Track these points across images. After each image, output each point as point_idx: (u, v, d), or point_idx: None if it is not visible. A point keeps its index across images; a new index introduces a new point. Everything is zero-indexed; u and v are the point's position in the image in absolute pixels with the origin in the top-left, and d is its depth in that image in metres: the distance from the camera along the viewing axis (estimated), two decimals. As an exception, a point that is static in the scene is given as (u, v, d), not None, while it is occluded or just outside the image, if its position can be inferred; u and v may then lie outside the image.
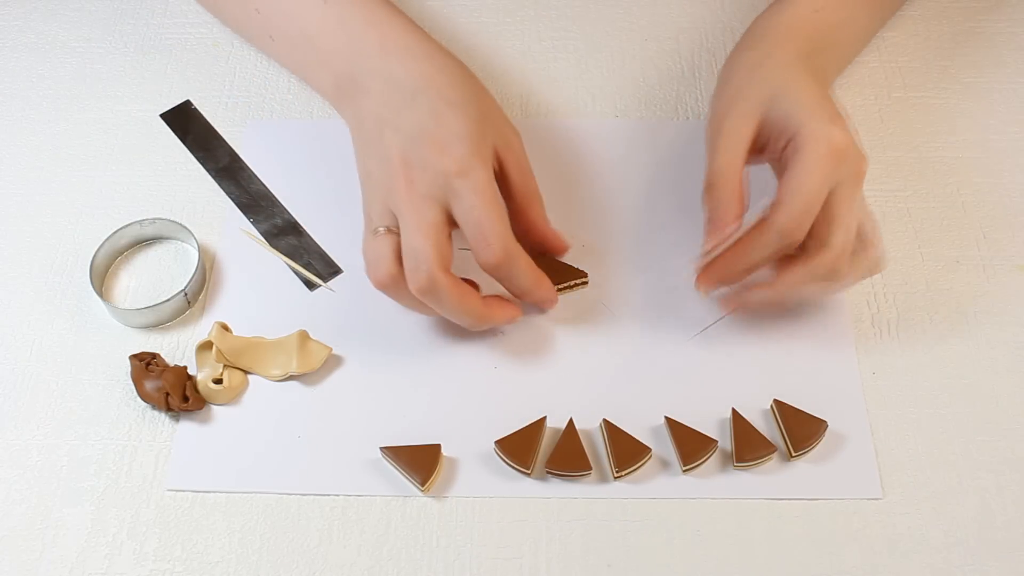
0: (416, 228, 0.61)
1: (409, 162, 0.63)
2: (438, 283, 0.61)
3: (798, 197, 0.60)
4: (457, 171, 0.61)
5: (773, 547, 0.60)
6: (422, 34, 0.69)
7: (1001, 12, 0.84)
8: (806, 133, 0.61)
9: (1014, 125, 0.78)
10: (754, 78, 0.66)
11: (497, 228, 0.61)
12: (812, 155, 0.60)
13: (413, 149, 0.63)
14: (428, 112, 0.64)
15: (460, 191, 0.61)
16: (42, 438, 0.65)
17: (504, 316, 0.66)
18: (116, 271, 0.72)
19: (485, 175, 0.62)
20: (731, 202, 0.63)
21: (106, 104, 0.81)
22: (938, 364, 0.67)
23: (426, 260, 0.61)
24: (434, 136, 0.63)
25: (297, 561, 0.61)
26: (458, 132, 0.63)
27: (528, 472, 0.63)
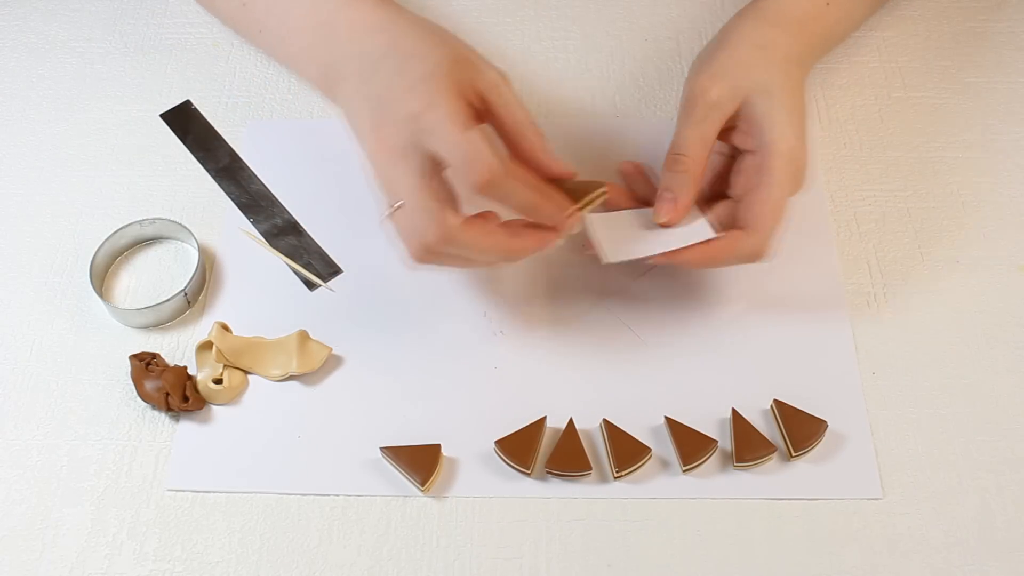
0: (406, 186, 0.59)
1: (378, 124, 0.60)
2: (451, 228, 0.59)
3: (768, 220, 0.63)
4: (421, 108, 0.58)
5: (773, 547, 0.60)
6: (389, 7, 0.67)
7: (1001, 12, 0.84)
8: (776, 152, 0.63)
9: (1014, 125, 0.78)
10: (750, 61, 0.65)
11: (476, 147, 0.58)
12: (780, 176, 0.63)
13: (381, 110, 0.61)
14: (392, 71, 0.62)
15: (430, 126, 0.58)
16: (42, 438, 0.65)
17: (533, 242, 0.62)
18: (116, 271, 0.73)
19: (453, 104, 0.59)
20: (695, 180, 0.63)
21: (106, 104, 0.81)
22: (938, 364, 0.67)
23: (429, 211, 0.59)
24: (398, 87, 0.60)
25: (297, 561, 0.61)
26: (420, 75, 0.60)
27: (528, 472, 0.63)
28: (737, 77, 0.64)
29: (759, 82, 0.64)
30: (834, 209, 0.74)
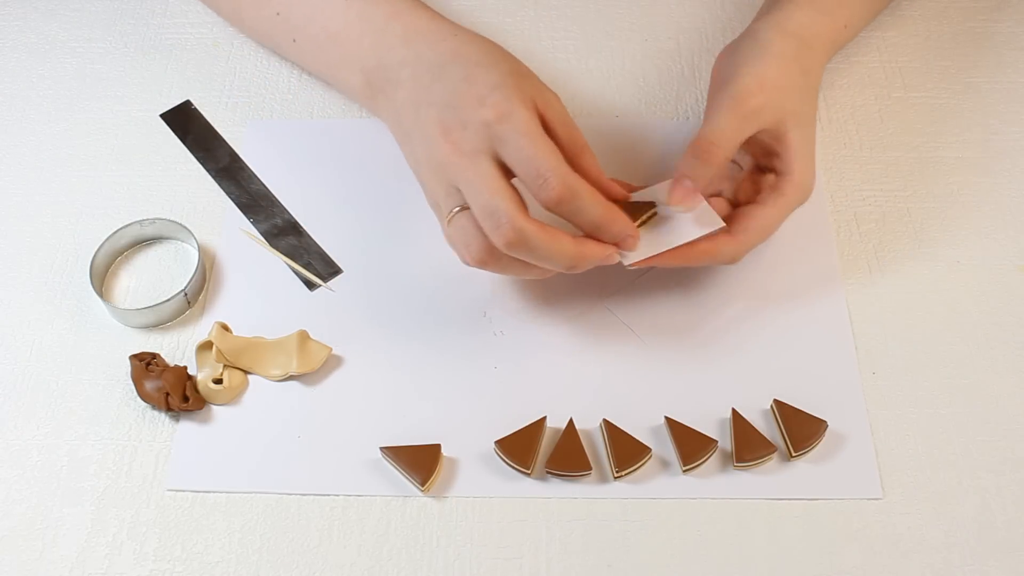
0: (480, 188, 0.60)
1: (448, 128, 0.61)
2: (524, 231, 0.59)
3: (759, 236, 0.64)
4: (497, 116, 0.59)
5: (773, 547, 0.60)
6: (445, 20, 0.68)
7: (1001, 12, 0.84)
8: (796, 184, 0.64)
9: (1014, 125, 0.78)
10: (797, 87, 0.65)
11: (551, 162, 0.59)
12: (788, 204, 0.65)
13: (450, 114, 0.61)
14: (459, 78, 0.62)
15: (504, 135, 0.59)
16: (42, 438, 0.65)
17: (599, 252, 0.62)
18: (116, 271, 0.73)
19: (527, 114, 0.60)
20: (720, 172, 0.63)
21: (106, 104, 0.81)
22: (938, 364, 0.67)
23: (503, 214, 0.59)
24: (468, 94, 0.61)
25: (297, 561, 0.61)
26: (491, 83, 0.61)
27: (528, 472, 0.63)
28: (783, 98, 0.65)
29: (798, 110, 0.65)
30: (834, 209, 0.74)
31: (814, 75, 0.68)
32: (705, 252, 0.64)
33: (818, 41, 0.69)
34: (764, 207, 0.64)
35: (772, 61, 0.66)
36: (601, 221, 0.61)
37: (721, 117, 0.63)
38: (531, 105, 0.61)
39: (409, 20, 0.68)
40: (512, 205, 0.59)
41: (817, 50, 0.69)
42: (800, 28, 0.68)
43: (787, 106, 0.64)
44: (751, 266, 0.70)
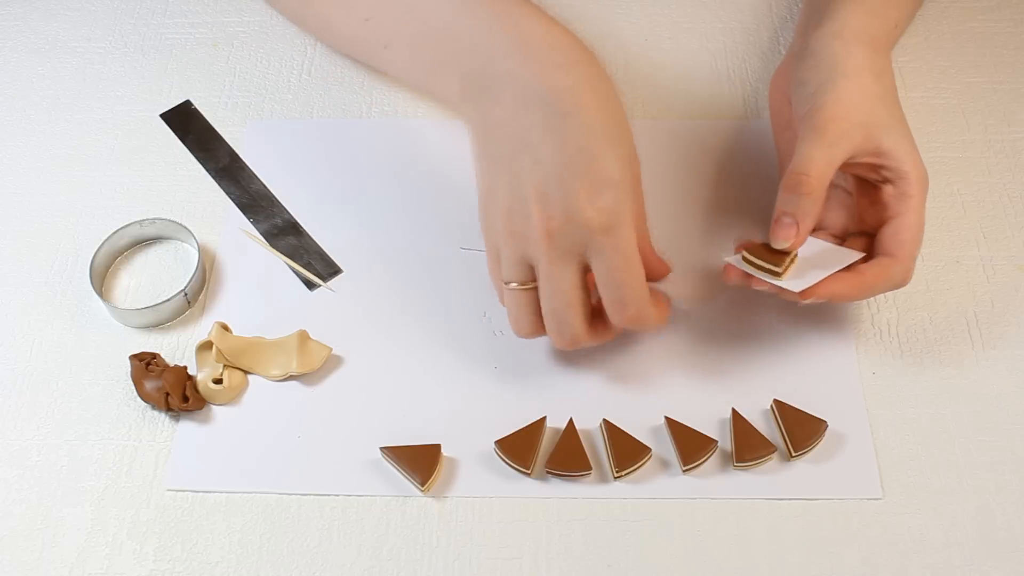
0: (558, 293, 0.59)
1: (549, 206, 0.57)
2: (580, 341, 0.62)
3: (916, 245, 0.63)
4: (603, 226, 0.57)
5: (773, 547, 0.60)
6: (561, 31, 0.62)
7: (1001, 12, 0.84)
8: (914, 180, 0.63)
9: (1014, 125, 0.78)
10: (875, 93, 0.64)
11: (636, 292, 0.59)
12: (920, 202, 0.63)
13: (555, 191, 0.57)
14: (576, 147, 0.57)
15: (603, 248, 0.57)
16: (42, 438, 0.65)
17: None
18: (116, 271, 0.73)
19: (629, 231, 0.58)
20: (817, 203, 0.61)
21: (106, 104, 0.81)
22: (938, 364, 0.67)
23: (569, 325, 0.60)
24: (583, 180, 0.57)
25: (297, 561, 0.61)
26: (608, 177, 0.57)
27: (528, 472, 0.63)
28: (867, 110, 0.63)
29: (885, 115, 0.63)
30: (834, 209, 0.74)
31: (887, 76, 0.66)
32: (879, 279, 0.63)
33: (878, 42, 0.67)
34: (903, 216, 0.63)
35: (846, 80, 0.63)
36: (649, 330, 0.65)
37: (809, 147, 0.61)
38: (635, 215, 0.59)
39: (521, 25, 0.61)
40: (581, 322, 0.60)
41: (881, 51, 0.67)
42: (859, 34, 0.66)
43: (872, 120, 0.63)
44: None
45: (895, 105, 0.65)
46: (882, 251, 0.63)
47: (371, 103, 0.80)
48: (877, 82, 0.64)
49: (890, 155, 0.63)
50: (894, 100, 0.65)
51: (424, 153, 0.77)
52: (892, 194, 0.63)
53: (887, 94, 0.65)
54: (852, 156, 0.62)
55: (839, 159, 0.62)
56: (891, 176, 0.63)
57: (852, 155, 0.62)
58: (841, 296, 0.63)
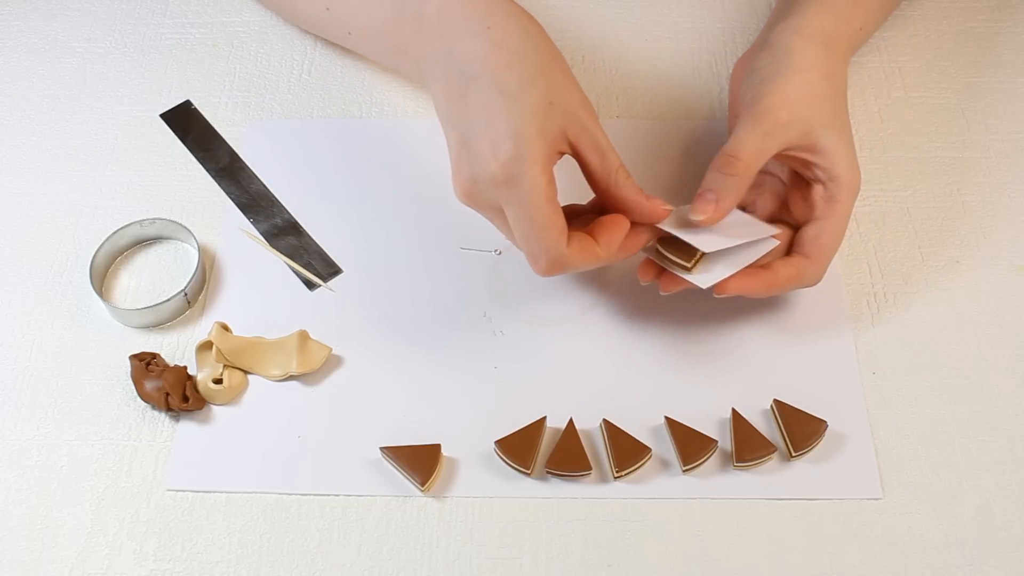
0: (505, 232, 0.61)
1: (461, 168, 0.60)
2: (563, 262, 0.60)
3: (833, 249, 0.64)
4: (504, 178, 0.58)
5: (773, 547, 0.60)
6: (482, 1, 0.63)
7: (1001, 12, 0.84)
8: (846, 187, 0.64)
9: (1014, 125, 0.78)
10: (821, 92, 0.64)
11: (543, 243, 0.58)
12: (846, 208, 0.64)
13: (465, 152, 0.59)
14: (479, 106, 0.59)
15: (508, 201, 0.58)
16: (42, 438, 0.65)
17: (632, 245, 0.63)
18: (116, 271, 0.73)
19: (531, 180, 0.57)
20: (741, 186, 0.62)
21: (106, 104, 0.81)
22: (938, 364, 0.67)
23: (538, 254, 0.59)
24: (484, 136, 0.58)
25: (297, 561, 0.61)
26: (508, 129, 0.58)
27: (528, 472, 0.63)
28: (809, 106, 0.63)
29: (826, 117, 0.64)
30: (834, 209, 0.74)
31: (838, 78, 0.67)
32: (790, 278, 0.64)
33: (837, 44, 0.68)
34: (827, 220, 0.64)
35: (794, 73, 0.64)
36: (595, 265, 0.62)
37: (744, 132, 0.63)
38: (548, 151, 0.59)
39: (440, 8, 0.63)
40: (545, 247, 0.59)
41: (838, 53, 0.68)
42: (818, 33, 0.67)
43: (814, 117, 0.63)
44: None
45: (841, 107, 0.66)
46: (800, 250, 0.64)
47: (371, 103, 0.80)
48: (826, 82, 0.65)
49: (824, 155, 0.63)
50: (841, 102, 0.66)
51: (424, 153, 0.77)
52: (821, 195, 0.64)
53: (835, 95, 0.66)
54: (786, 148, 0.63)
55: (772, 149, 0.63)
56: (823, 176, 0.64)
57: (786, 147, 0.63)
58: (752, 292, 0.63)
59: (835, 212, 0.64)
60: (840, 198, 0.64)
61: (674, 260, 0.63)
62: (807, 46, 0.66)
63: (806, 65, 0.65)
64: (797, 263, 0.64)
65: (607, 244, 0.61)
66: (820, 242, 0.64)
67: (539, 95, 0.59)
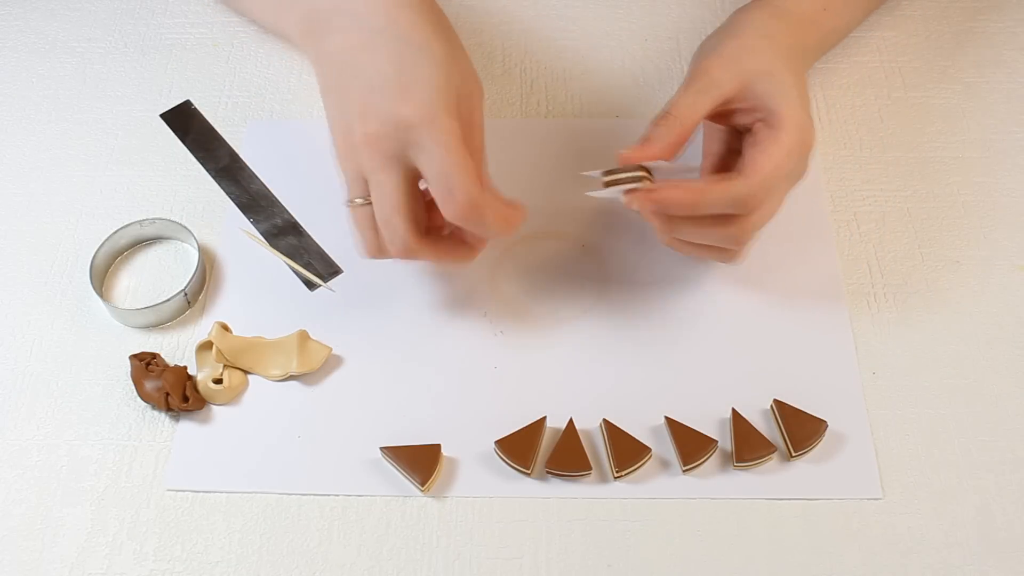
0: (384, 197, 0.60)
1: (367, 114, 0.59)
2: (414, 250, 0.62)
3: (762, 173, 0.61)
4: (419, 120, 0.58)
5: (773, 547, 0.60)
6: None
7: (1001, 12, 0.84)
8: (787, 118, 0.62)
9: (1014, 125, 0.78)
10: (756, 48, 0.65)
11: (463, 180, 0.58)
12: (787, 140, 0.62)
13: (373, 98, 0.59)
14: (388, 55, 0.60)
15: (422, 142, 0.58)
16: (42, 438, 0.65)
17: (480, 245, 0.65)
18: (116, 271, 0.73)
19: (449, 122, 0.58)
20: (676, 136, 0.62)
21: (106, 104, 0.81)
22: (938, 364, 0.67)
23: (397, 229, 0.60)
24: (394, 83, 0.59)
25: (297, 561, 0.61)
26: (420, 76, 0.59)
27: (528, 472, 0.63)
28: (741, 60, 0.64)
29: (762, 66, 0.64)
30: (834, 209, 0.74)
31: (780, 39, 0.66)
32: (711, 190, 0.61)
33: (789, 15, 0.68)
34: (763, 143, 0.62)
35: (731, 39, 0.66)
36: (499, 232, 0.61)
37: (680, 92, 0.64)
38: (455, 107, 0.59)
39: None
40: (408, 227, 0.60)
41: (788, 21, 0.68)
42: (765, 5, 0.69)
43: (748, 70, 0.64)
44: (751, 266, 0.70)
45: (782, 61, 0.65)
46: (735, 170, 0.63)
47: (371, 103, 0.80)
48: (766, 42, 0.66)
49: (761, 97, 0.63)
50: (783, 58, 0.65)
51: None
52: (761, 128, 0.63)
53: (775, 51, 0.65)
54: (725, 103, 0.63)
55: (705, 104, 0.63)
56: (762, 115, 0.63)
57: (722, 101, 0.63)
58: (677, 201, 0.61)
59: (773, 136, 0.62)
60: (779, 127, 0.62)
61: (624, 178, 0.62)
62: (749, 16, 0.68)
63: (744, 31, 0.66)
64: (729, 176, 0.62)
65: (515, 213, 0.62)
66: (752, 158, 0.62)
67: (444, 47, 0.61)
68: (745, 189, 0.61)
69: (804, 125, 0.62)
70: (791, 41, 0.67)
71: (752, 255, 0.69)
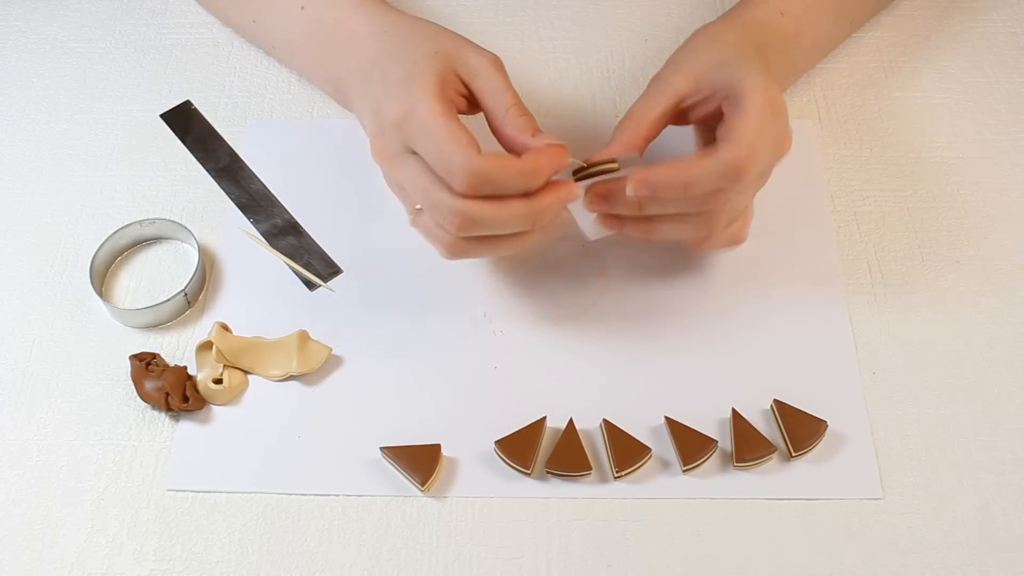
0: (414, 186, 0.61)
1: (375, 133, 0.62)
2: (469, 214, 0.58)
3: (746, 135, 0.60)
4: (400, 116, 0.60)
5: (773, 547, 0.60)
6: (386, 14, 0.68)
7: (1001, 12, 0.84)
8: (748, 86, 0.61)
9: (1014, 125, 0.78)
10: (705, 47, 0.66)
11: (454, 157, 0.57)
12: (756, 100, 0.61)
13: (374, 118, 0.62)
14: (379, 78, 0.63)
15: (410, 135, 0.60)
16: (42, 438, 0.65)
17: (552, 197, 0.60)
18: (116, 271, 0.73)
19: (426, 106, 0.59)
20: (633, 131, 0.63)
21: (106, 104, 0.81)
22: (938, 364, 0.67)
23: (443, 207, 0.59)
24: (381, 93, 0.62)
25: (297, 561, 0.61)
26: (399, 77, 0.61)
27: (528, 472, 0.63)
28: (689, 60, 0.65)
29: (712, 58, 0.65)
30: (834, 209, 0.74)
31: (728, 38, 0.66)
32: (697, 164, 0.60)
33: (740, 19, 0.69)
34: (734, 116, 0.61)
35: (680, 48, 0.67)
36: (527, 183, 0.58)
37: (640, 96, 0.65)
38: (440, 87, 0.60)
39: (351, 26, 0.68)
40: (448, 195, 0.59)
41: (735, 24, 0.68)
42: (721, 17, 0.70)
43: (695, 65, 0.64)
44: (751, 266, 0.70)
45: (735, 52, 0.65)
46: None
47: (371, 103, 0.80)
48: (722, 44, 0.66)
49: (719, 83, 0.63)
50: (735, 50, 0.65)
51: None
52: (727, 107, 0.62)
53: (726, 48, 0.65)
54: (681, 99, 0.64)
55: (661, 102, 0.64)
56: (726, 96, 0.62)
57: (679, 98, 0.64)
58: (663, 181, 0.60)
59: (741, 105, 0.61)
60: (743, 95, 0.61)
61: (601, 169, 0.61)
62: (702, 28, 0.68)
63: (694, 39, 0.67)
64: (710, 147, 0.61)
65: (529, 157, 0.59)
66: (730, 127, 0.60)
67: (424, 50, 0.63)
68: (732, 153, 0.59)
69: (766, 87, 0.61)
70: (742, 39, 0.67)
71: (752, 255, 0.69)
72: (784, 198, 0.73)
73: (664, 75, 0.66)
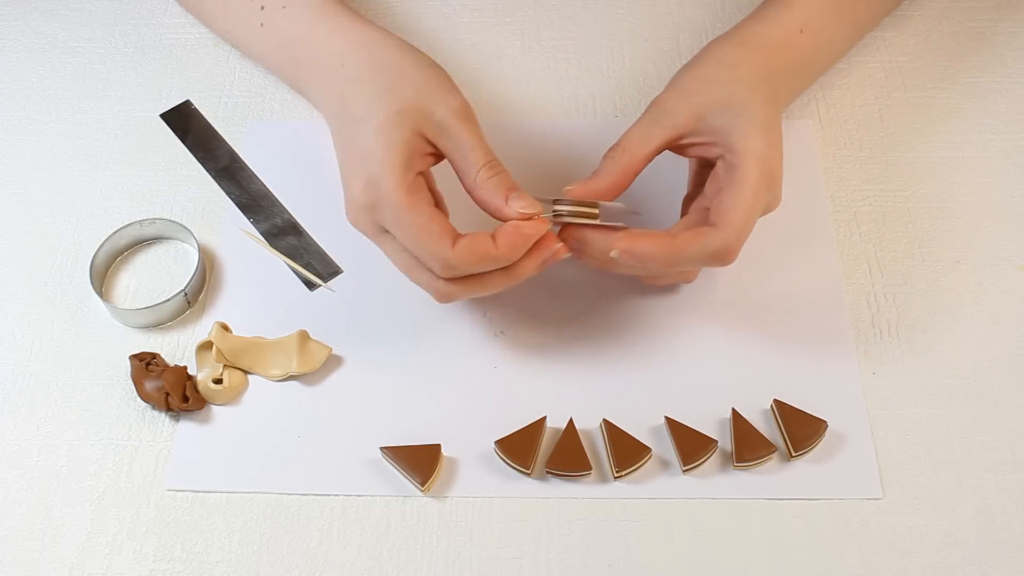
0: (396, 259, 0.63)
1: (346, 200, 0.63)
2: (450, 294, 0.62)
3: (735, 223, 0.60)
4: (367, 204, 0.60)
5: (773, 547, 0.60)
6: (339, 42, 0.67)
7: (1001, 12, 0.84)
8: (746, 153, 0.61)
9: (1014, 125, 0.78)
10: (715, 78, 0.64)
11: (429, 249, 0.59)
12: (750, 178, 0.60)
13: (345, 188, 0.63)
14: (340, 140, 0.63)
15: (383, 221, 0.61)
16: (42, 438, 0.65)
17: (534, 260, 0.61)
18: (116, 271, 0.73)
19: (391, 197, 0.59)
20: (623, 169, 0.62)
21: (106, 104, 0.81)
22: (938, 364, 0.67)
23: (427, 262, 0.60)
24: (347, 167, 0.62)
25: (297, 561, 0.61)
26: (359, 153, 0.61)
27: (528, 472, 0.63)
28: (696, 92, 0.64)
29: (719, 97, 0.63)
30: (834, 209, 0.74)
31: (743, 67, 0.65)
32: (691, 243, 0.60)
33: (756, 41, 0.67)
34: (729, 187, 0.61)
35: (689, 69, 0.66)
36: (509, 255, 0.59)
37: (633, 125, 0.64)
38: (401, 170, 0.59)
39: (308, 51, 0.68)
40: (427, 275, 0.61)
41: (752, 48, 0.67)
42: (734, 35, 0.68)
43: (704, 101, 0.63)
44: (751, 266, 0.70)
45: (744, 91, 0.63)
46: (708, 222, 0.62)
47: (371, 103, 0.80)
48: (726, 71, 0.64)
49: (719, 133, 0.62)
50: (745, 87, 0.64)
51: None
52: (722, 167, 0.62)
53: (736, 80, 0.64)
54: (677, 135, 0.63)
55: (656, 136, 0.63)
56: (722, 152, 0.62)
57: (676, 133, 0.63)
58: (649, 255, 0.60)
59: (736, 178, 0.61)
60: (739, 164, 0.61)
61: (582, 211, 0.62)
62: (715, 46, 0.67)
63: (705, 62, 0.66)
64: (699, 230, 0.61)
65: (504, 243, 0.59)
66: (722, 208, 0.61)
67: (383, 111, 0.61)
68: (720, 242, 0.60)
69: (766, 156, 0.61)
70: (754, 69, 0.65)
71: (752, 255, 0.69)
72: (784, 198, 0.72)
73: (665, 104, 0.64)
